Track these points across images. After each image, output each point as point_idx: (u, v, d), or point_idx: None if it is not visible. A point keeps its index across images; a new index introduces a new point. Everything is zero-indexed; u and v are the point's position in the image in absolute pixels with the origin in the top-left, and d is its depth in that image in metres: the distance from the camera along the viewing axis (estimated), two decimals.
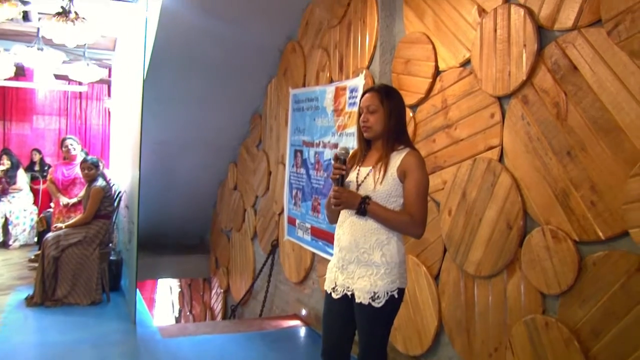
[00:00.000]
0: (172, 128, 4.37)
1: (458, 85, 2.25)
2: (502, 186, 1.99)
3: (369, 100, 1.77)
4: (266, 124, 4.22)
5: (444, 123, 2.32)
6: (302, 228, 3.45)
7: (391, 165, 1.71)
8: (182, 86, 4.01)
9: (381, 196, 1.70)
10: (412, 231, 1.69)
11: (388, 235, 1.70)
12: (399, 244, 1.73)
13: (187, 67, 3.86)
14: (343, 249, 1.76)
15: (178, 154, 4.62)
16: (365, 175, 1.75)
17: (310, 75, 3.47)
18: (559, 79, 1.79)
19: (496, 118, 2.05)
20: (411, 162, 1.69)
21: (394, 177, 1.70)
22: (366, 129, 1.76)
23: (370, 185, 1.72)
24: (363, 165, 1.80)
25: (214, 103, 4.24)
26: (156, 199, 4.75)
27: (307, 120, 3.42)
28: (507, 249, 1.97)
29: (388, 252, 1.69)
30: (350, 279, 1.73)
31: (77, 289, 3.68)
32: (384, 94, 1.75)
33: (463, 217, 2.17)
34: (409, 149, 1.74)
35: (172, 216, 5.19)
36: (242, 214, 4.63)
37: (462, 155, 2.21)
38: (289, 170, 3.67)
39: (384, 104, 1.73)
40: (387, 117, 1.73)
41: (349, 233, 1.74)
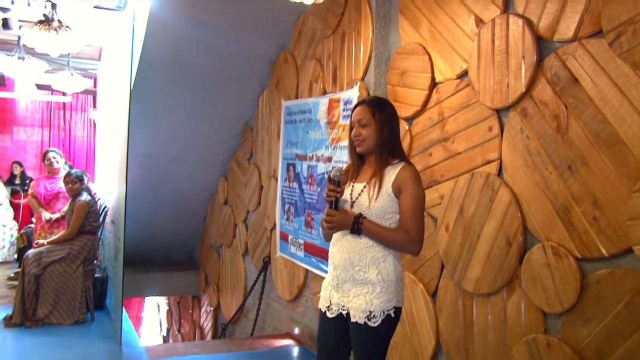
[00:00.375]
0: (160, 140, 4.36)
1: (455, 97, 2.25)
2: (501, 201, 1.98)
3: (360, 113, 1.77)
4: (258, 137, 4.22)
5: (441, 136, 2.31)
6: (295, 244, 3.43)
7: (385, 181, 1.71)
8: (171, 97, 4.01)
9: (376, 213, 1.70)
10: (408, 249, 1.69)
11: (384, 252, 1.70)
12: (396, 261, 1.72)
13: (176, 78, 3.86)
14: (338, 267, 1.76)
15: (166, 167, 4.61)
16: (359, 192, 1.75)
17: (303, 86, 3.48)
18: (559, 91, 1.79)
19: (494, 131, 2.04)
20: (406, 176, 1.69)
21: (388, 193, 1.70)
22: (358, 143, 1.77)
23: (364, 202, 1.72)
24: (357, 181, 1.80)
25: (203, 115, 4.24)
26: (143, 213, 4.71)
27: (300, 133, 3.42)
28: (507, 266, 1.96)
29: (384, 270, 1.69)
30: (346, 297, 1.73)
31: (60, 308, 3.60)
32: (375, 106, 1.75)
33: (461, 233, 2.16)
34: (403, 163, 1.74)
35: (160, 231, 5.15)
36: (233, 230, 4.62)
37: (459, 169, 2.21)
38: (281, 185, 3.66)
39: (375, 117, 1.73)
40: (379, 130, 1.73)
41: (344, 251, 1.74)
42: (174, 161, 4.58)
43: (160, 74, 3.79)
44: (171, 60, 3.70)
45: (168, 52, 3.62)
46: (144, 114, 3.97)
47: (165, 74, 3.81)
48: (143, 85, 3.77)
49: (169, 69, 3.77)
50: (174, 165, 4.61)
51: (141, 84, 3.74)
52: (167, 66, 3.74)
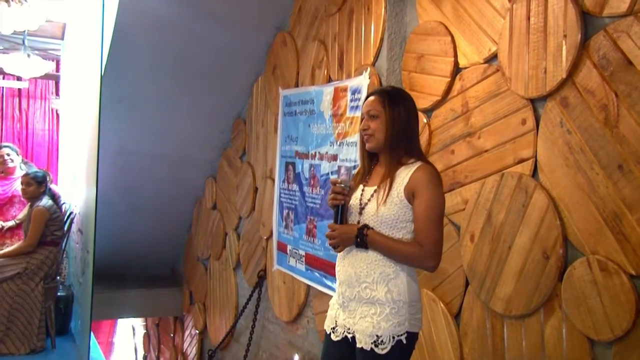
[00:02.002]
0: (138, 135, 4.34)
1: (482, 85, 2.24)
2: (536, 207, 1.97)
3: (370, 104, 1.79)
4: (251, 131, 4.23)
5: (465, 131, 2.31)
6: (295, 256, 3.43)
7: (397, 184, 1.71)
8: (150, 84, 3.99)
9: (386, 222, 1.70)
10: (422, 264, 1.69)
11: (395, 267, 1.70)
12: (410, 278, 1.72)
13: (156, 62, 3.85)
14: (343, 283, 1.77)
15: (145, 166, 4.59)
16: (369, 197, 1.76)
17: (304, 73, 3.47)
18: (608, 76, 1.77)
19: (528, 125, 2.03)
20: (421, 178, 1.68)
21: (400, 197, 1.70)
22: (367, 138, 1.78)
23: (373, 209, 1.72)
24: (368, 185, 1.81)
25: (188, 105, 4.24)
26: (117, 221, 4.72)
27: (300, 127, 3.43)
28: (544, 283, 1.94)
29: (395, 288, 1.69)
30: (352, 318, 1.74)
31: (13, 333, 3.53)
32: (387, 96, 1.77)
33: (488, 244, 2.16)
34: (420, 163, 1.73)
35: (137, 242, 5.15)
36: (223, 239, 4.61)
37: (486, 169, 2.20)
38: (278, 187, 3.66)
39: (386, 108, 1.75)
40: (390, 124, 1.74)
41: (349, 265, 1.75)
42: (154, 159, 4.56)
43: (136, 57, 3.77)
44: (149, 41, 3.69)
45: (146, 31, 3.61)
46: (118, 103, 3.95)
47: (142, 57, 3.79)
48: (117, 71, 3.74)
49: (147, 52, 3.76)
50: (154, 163, 4.59)
51: (114, 68, 3.71)
52: (145, 48, 3.72)
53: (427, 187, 1.67)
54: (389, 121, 1.74)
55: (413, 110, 1.81)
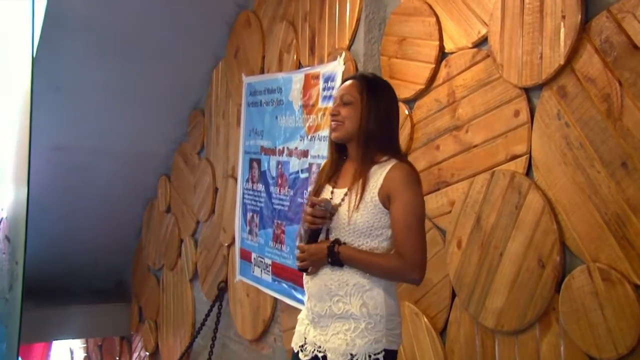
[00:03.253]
0: (77, 128, 4.29)
1: (470, 72, 2.24)
2: (531, 209, 1.97)
3: (345, 88, 1.78)
4: (211, 124, 4.21)
5: (452, 124, 2.31)
6: (261, 265, 3.42)
7: (370, 185, 1.71)
8: (92, 70, 3.94)
9: (360, 230, 1.71)
10: (405, 277, 1.72)
11: (371, 278, 1.71)
12: (387, 289, 1.73)
13: (99, 43, 3.80)
14: (312, 297, 1.78)
15: (86, 163, 4.54)
16: (339, 201, 1.75)
17: (271, 58, 3.47)
18: (611, 62, 1.77)
19: (522, 117, 2.03)
20: (396, 179, 1.68)
21: (375, 202, 1.69)
22: (335, 125, 1.77)
23: (344, 216, 1.72)
24: (338, 186, 1.80)
25: (137, 94, 4.19)
26: (53, 226, 4.65)
27: (266, 119, 3.43)
28: (540, 294, 1.94)
29: (371, 301, 1.70)
30: (323, 335, 1.75)
31: None
32: (366, 83, 1.76)
33: (478, 250, 2.16)
34: (394, 161, 1.73)
35: (77, 251, 5.07)
36: (178, 246, 4.60)
37: (475, 166, 2.20)
38: (242, 187, 3.66)
39: (364, 96, 1.74)
40: (366, 114, 1.73)
41: (320, 277, 1.76)
42: (97, 155, 4.52)
43: (75, 37, 3.70)
44: (90, 18, 3.62)
45: (86, 6, 3.55)
46: (54, 91, 3.87)
47: (82, 35, 3.72)
48: (51, 53, 3.67)
49: (88, 30, 3.69)
50: (97, 160, 4.55)
51: (48, 48, 3.63)
52: (86, 25, 3.65)
53: (404, 189, 1.67)
54: (364, 111, 1.73)
55: (394, 105, 1.81)
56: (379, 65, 2.67)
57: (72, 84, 3.99)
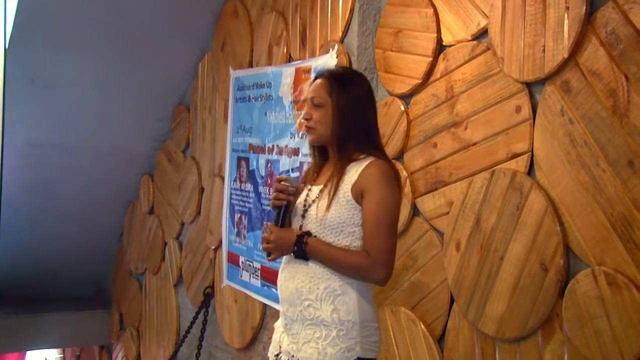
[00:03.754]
0: (54, 123, 4.28)
1: (470, 66, 2.24)
2: (533, 210, 1.98)
3: (314, 90, 1.80)
4: (196, 120, 4.21)
5: (450, 120, 2.31)
6: (249, 269, 3.41)
7: (345, 182, 1.74)
8: (69, 62, 3.93)
9: (331, 226, 1.73)
10: (370, 276, 1.71)
11: (342, 281, 1.72)
12: (360, 293, 1.74)
13: (78, 33, 3.78)
14: (284, 300, 1.81)
15: (63, 161, 4.52)
16: (314, 197, 1.80)
17: (260, 50, 3.47)
18: (617, 56, 1.77)
19: (524, 113, 2.04)
20: (372, 175, 1.70)
21: (347, 198, 1.72)
22: (307, 129, 1.81)
23: (315, 212, 1.76)
24: (316, 183, 1.85)
25: (119, 88, 4.18)
26: (28, 229, 4.63)
27: (255, 115, 3.43)
28: (542, 300, 1.94)
29: (342, 307, 1.71)
30: (295, 343, 1.76)
31: None
32: (335, 81, 1.78)
33: (477, 253, 2.16)
34: (372, 158, 1.76)
35: (54, 255, 5.05)
36: (161, 250, 4.59)
37: (474, 165, 2.21)
38: (229, 186, 3.65)
39: (333, 96, 1.76)
40: (338, 116, 1.75)
41: (289, 278, 1.78)
42: (75, 153, 4.50)
43: (52, 25, 3.68)
44: (68, 6, 3.60)
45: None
46: (29, 83, 3.84)
47: (60, 25, 3.71)
48: (25, 43, 3.64)
49: (66, 19, 3.68)
50: (75, 158, 4.53)
51: (22, 40, 3.61)
52: (63, 14, 3.63)
53: (378, 186, 1.69)
54: (335, 112, 1.75)
55: (368, 98, 1.82)
56: (374, 58, 2.68)
57: (48, 77, 3.97)
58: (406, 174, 2.46)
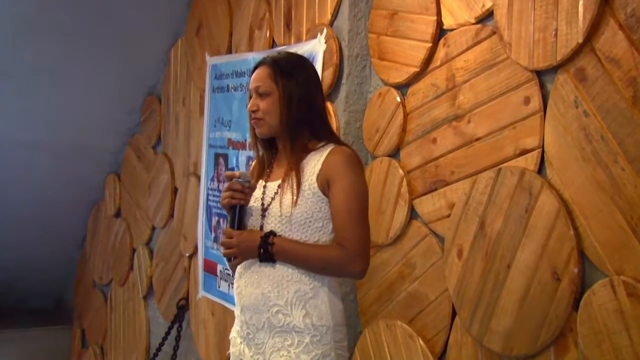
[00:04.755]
0: (9, 117, 4.23)
1: (473, 52, 2.25)
2: (544, 212, 1.98)
3: (258, 79, 1.85)
4: (168, 113, 4.22)
5: (451, 113, 2.32)
6: (228, 278, 3.42)
7: (307, 173, 1.79)
8: (23, 46, 3.88)
9: (297, 223, 1.78)
10: (347, 270, 1.77)
11: (313, 283, 1.76)
12: (332, 294, 1.79)
13: (32, 14, 3.73)
14: (247, 308, 1.82)
15: (18, 158, 4.49)
16: (273, 195, 1.83)
17: (240, 35, 3.47)
18: (637, 40, 1.77)
19: (534, 105, 2.04)
20: (337, 162, 1.77)
21: (313, 190, 1.78)
22: (255, 121, 1.85)
23: (278, 209, 1.79)
24: (270, 179, 1.89)
25: (81, 77, 4.16)
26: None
27: (235, 107, 3.43)
28: (554, 313, 1.94)
29: (315, 311, 1.75)
30: (261, 354, 1.79)
31: None
32: (279, 67, 1.83)
33: (481, 261, 2.17)
34: (332, 145, 1.83)
35: (8, 263, 5.01)
36: (130, 257, 4.59)
37: (479, 163, 2.22)
38: (206, 186, 3.66)
39: (279, 83, 1.81)
40: (286, 103, 1.81)
41: (253, 283, 1.80)
42: (33, 150, 4.47)
43: (7, 8, 3.66)
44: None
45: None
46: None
47: (17, 8, 3.68)
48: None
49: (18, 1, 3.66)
50: (31, 155, 4.50)
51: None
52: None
53: (345, 173, 1.75)
54: (283, 100, 1.80)
55: (314, 81, 1.88)
56: (367, 44, 2.68)
57: (1, 65, 3.93)
58: (402, 173, 2.47)
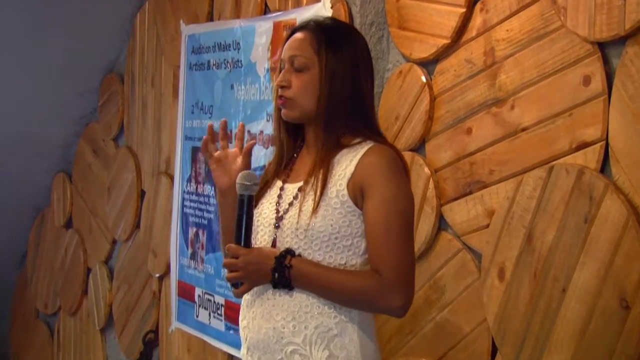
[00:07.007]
0: None
1: (518, 19, 2.25)
2: (609, 222, 1.98)
3: (295, 47, 1.83)
4: (133, 95, 4.25)
5: (490, 96, 2.33)
6: (209, 305, 3.44)
7: (335, 177, 1.77)
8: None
9: (319, 238, 1.75)
10: (382, 303, 1.73)
11: (340, 316, 1.75)
12: (363, 332, 1.78)
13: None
14: (254, 347, 1.82)
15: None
16: (291, 200, 1.81)
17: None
18: None
19: (595, 86, 2.04)
20: (373, 165, 1.75)
21: (342, 198, 1.75)
22: (283, 101, 1.83)
23: (296, 220, 1.77)
24: (289, 180, 1.88)
25: (21, 50, 4.21)
26: None
27: (217, 88, 3.46)
28: (622, 348, 1.95)
29: (341, 352, 1.74)
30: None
31: None
32: (324, 37, 1.81)
33: (529, 284, 2.18)
34: (371, 143, 1.80)
35: None
36: (83, 279, 4.62)
37: (525, 159, 2.23)
38: (180, 189, 3.69)
39: (322, 56, 1.79)
40: (327, 82, 1.79)
41: (264, 316, 1.79)
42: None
43: None
44: None
45: None
46: None
47: None
48: None
49: None
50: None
51: None
52: None
53: (385, 180, 1.72)
54: (325, 78, 1.78)
55: (366, 61, 1.86)
56: (383, 9, 2.68)
57: None
58: (428, 172, 2.48)
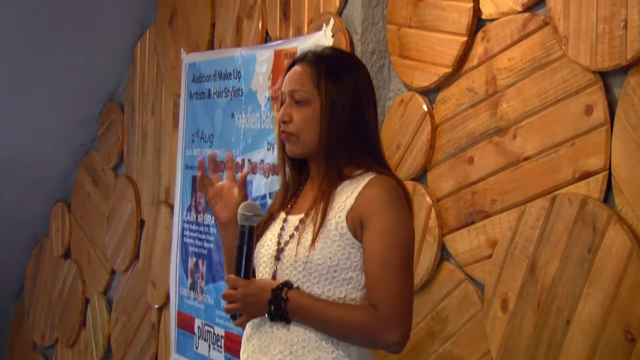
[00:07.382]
0: None
1: (520, 48, 2.26)
2: (612, 253, 1.98)
3: (294, 80, 1.83)
4: (133, 124, 4.26)
5: (492, 125, 2.34)
6: (209, 337, 3.44)
7: (335, 209, 1.77)
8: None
9: (318, 271, 1.75)
10: (379, 339, 1.73)
11: (338, 351, 1.75)
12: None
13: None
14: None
15: None
16: (292, 232, 1.82)
17: (224, 26, 3.52)
18: None
19: (597, 115, 2.04)
20: (374, 197, 1.74)
21: (341, 230, 1.76)
22: (286, 136, 1.83)
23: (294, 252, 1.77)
24: (292, 212, 1.88)
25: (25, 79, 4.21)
26: None
27: (217, 117, 3.47)
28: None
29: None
30: None
31: None
32: (324, 68, 1.81)
33: (532, 315, 2.17)
34: (372, 174, 1.79)
35: None
36: (81, 310, 4.61)
37: (527, 189, 2.23)
38: (180, 219, 3.70)
39: (322, 88, 1.79)
40: (328, 115, 1.78)
41: (262, 349, 1.79)
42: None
43: None
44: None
45: None
46: None
47: None
48: None
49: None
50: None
51: None
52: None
53: (383, 212, 1.72)
54: (325, 108, 1.78)
55: (367, 89, 1.86)
56: (384, 37, 2.69)
57: None
58: (430, 201, 2.47)
